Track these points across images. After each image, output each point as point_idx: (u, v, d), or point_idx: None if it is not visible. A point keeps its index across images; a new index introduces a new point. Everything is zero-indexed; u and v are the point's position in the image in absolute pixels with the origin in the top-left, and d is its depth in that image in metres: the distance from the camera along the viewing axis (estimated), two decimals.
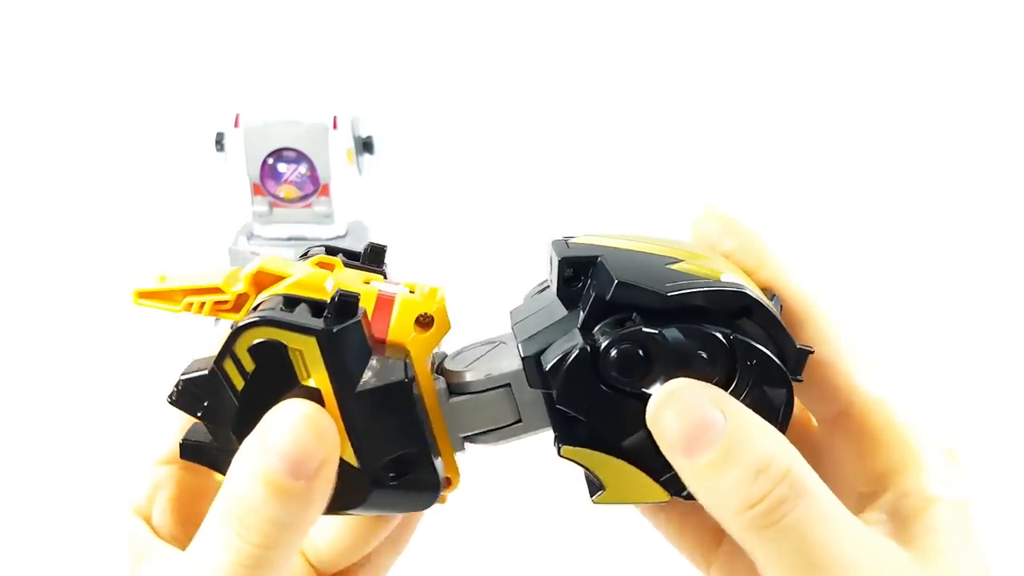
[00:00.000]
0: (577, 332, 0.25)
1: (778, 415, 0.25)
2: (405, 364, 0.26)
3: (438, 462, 0.27)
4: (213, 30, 1.10)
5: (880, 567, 0.22)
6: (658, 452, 0.24)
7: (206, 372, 0.25)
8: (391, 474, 0.26)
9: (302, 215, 0.81)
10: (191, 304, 0.27)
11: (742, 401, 0.24)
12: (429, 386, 0.27)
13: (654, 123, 1.09)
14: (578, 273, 0.26)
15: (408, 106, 1.08)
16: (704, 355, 0.24)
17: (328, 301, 0.25)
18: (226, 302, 0.27)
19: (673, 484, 0.25)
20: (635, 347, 0.24)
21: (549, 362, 0.25)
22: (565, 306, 0.26)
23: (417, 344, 0.27)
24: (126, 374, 0.86)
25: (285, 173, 0.79)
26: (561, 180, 1.04)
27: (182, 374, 0.26)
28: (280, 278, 0.27)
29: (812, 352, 0.25)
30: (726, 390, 0.24)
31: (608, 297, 0.25)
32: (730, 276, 0.25)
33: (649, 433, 0.24)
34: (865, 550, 0.22)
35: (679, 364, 0.24)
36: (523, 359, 0.26)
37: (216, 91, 1.00)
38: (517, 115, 1.09)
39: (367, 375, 0.25)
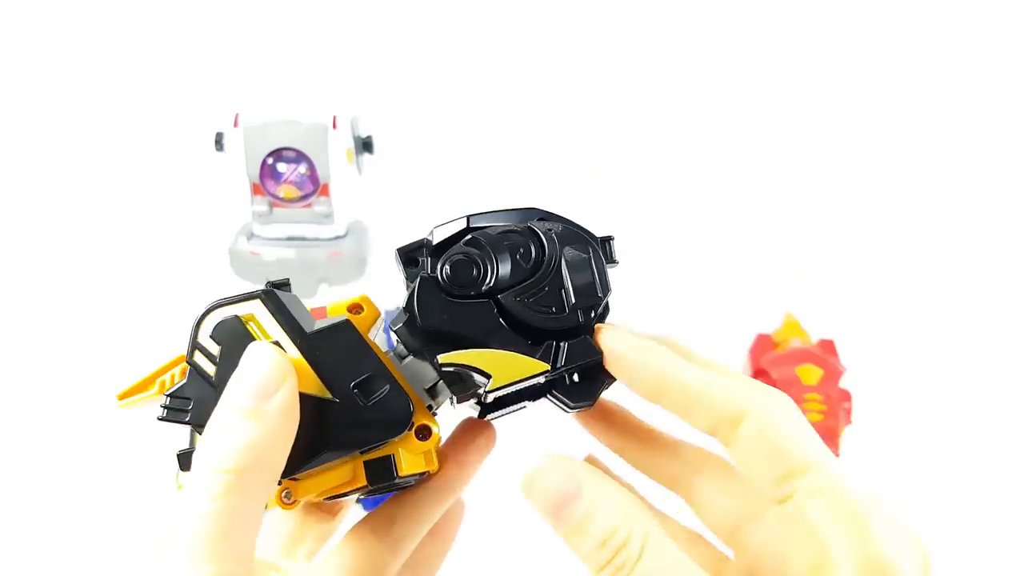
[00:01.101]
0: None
1: (590, 268, 0.30)
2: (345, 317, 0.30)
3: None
4: (213, 30, 1.10)
5: None
6: (518, 333, 0.29)
7: (184, 380, 0.28)
8: (363, 398, 0.28)
9: (302, 215, 0.81)
10: (163, 382, 0.29)
11: (560, 261, 0.30)
12: (378, 351, 0.30)
13: (654, 123, 1.09)
14: (414, 257, 0.30)
15: (408, 106, 1.08)
16: (514, 238, 0.30)
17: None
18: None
19: (547, 355, 0.29)
20: (461, 256, 0.29)
21: (404, 301, 0.29)
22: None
23: (354, 321, 0.30)
24: (125, 374, 0.85)
25: (285, 173, 0.79)
26: (561, 180, 1.04)
27: (166, 394, 0.29)
28: None
29: (613, 238, 0.31)
30: (540, 260, 0.30)
31: (434, 242, 0.30)
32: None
33: (504, 322, 0.29)
34: None
35: (497, 250, 0.29)
36: (395, 331, 0.30)
37: (216, 91, 1.00)
38: (517, 115, 1.09)
39: (316, 325, 0.29)
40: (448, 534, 0.35)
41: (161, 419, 0.28)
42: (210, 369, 0.28)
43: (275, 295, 0.29)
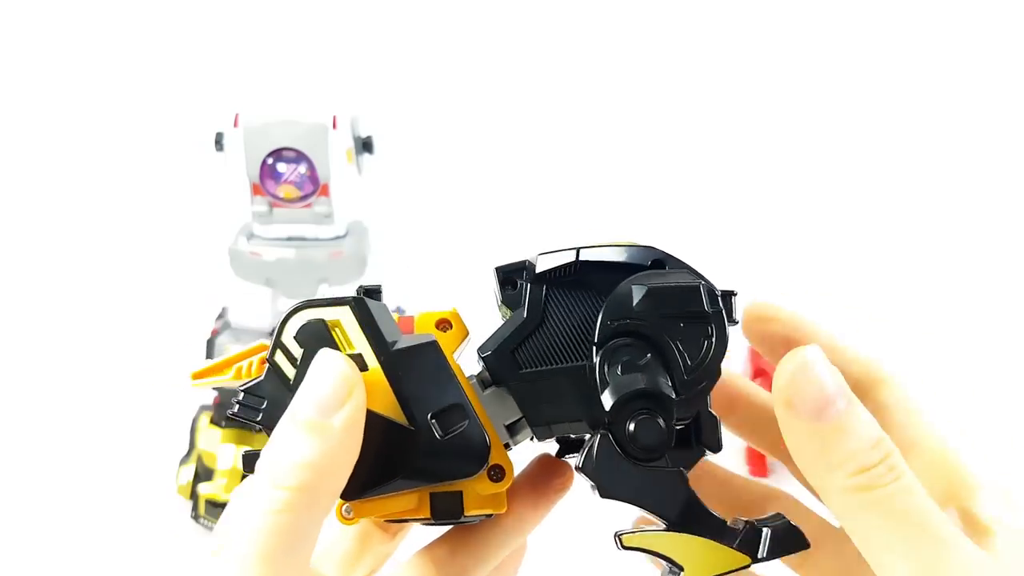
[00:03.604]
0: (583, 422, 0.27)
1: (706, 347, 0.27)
2: (432, 337, 0.28)
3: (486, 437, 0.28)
4: (213, 30, 1.10)
5: (969, 546, 0.25)
6: (705, 515, 0.26)
7: (262, 376, 0.27)
8: (439, 430, 0.27)
9: (302, 215, 0.81)
10: (240, 368, 0.29)
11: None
12: (461, 376, 0.28)
13: (654, 121, 1.09)
14: (512, 278, 0.28)
15: (408, 106, 1.08)
16: (693, 328, 0.27)
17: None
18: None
19: (748, 547, 0.26)
20: (645, 415, 0.26)
21: (582, 467, 0.26)
22: (510, 309, 0.29)
23: (441, 339, 0.28)
24: (125, 374, 0.86)
25: (285, 173, 0.79)
26: (560, 179, 1.04)
27: (240, 387, 0.27)
28: None
29: (736, 294, 0.28)
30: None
31: (537, 269, 0.28)
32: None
33: (691, 497, 0.26)
34: (953, 528, 0.25)
35: (666, 351, 0.26)
36: (482, 358, 0.28)
37: (216, 91, 1.00)
38: (517, 114, 1.09)
39: (401, 342, 0.27)
40: (509, 572, 0.33)
41: (232, 415, 0.27)
42: (289, 371, 0.27)
43: (364, 304, 0.27)
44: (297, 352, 0.27)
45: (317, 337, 0.27)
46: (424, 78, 1.11)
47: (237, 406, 0.27)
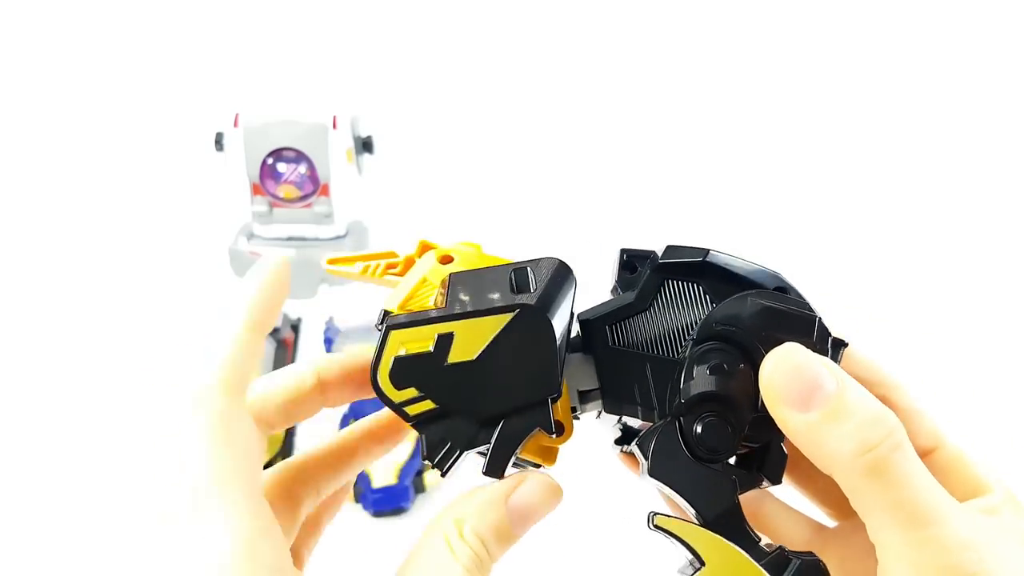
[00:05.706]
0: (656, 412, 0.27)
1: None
2: None
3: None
4: (213, 30, 1.10)
5: (972, 520, 0.25)
6: (742, 527, 0.26)
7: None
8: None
9: (302, 215, 0.81)
10: (367, 267, 0.31)
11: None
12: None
13: (653, 122, 1.09)
14: (634, 264, 0.28)
15: (408, 106, 1.08)
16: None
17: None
18: (396, 265, 0.31)
19: (775, 569, 0.25)
20: (713, 419, 0.26)
21: (640, 443, 0.27)
22: (621, 291, 0.29)
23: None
24: (125, 374, 0.86)
25: (285, 173, 0.79)
26: (559, 179, 1.04)
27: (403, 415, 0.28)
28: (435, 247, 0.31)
29: (847, 345, 0.27)
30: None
31: (661, 260, 0.28)
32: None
33: (734, 506, 0.26)
34: (951, 504, 0.25)
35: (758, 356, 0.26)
36: (580, 321, 0.28)
37: (216, 91, 1.00)
38: (516, 114, 1.09)
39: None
40: (333, 507, 0.34)
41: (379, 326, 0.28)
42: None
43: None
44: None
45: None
46: (423, 78, 1.11)
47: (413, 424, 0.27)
